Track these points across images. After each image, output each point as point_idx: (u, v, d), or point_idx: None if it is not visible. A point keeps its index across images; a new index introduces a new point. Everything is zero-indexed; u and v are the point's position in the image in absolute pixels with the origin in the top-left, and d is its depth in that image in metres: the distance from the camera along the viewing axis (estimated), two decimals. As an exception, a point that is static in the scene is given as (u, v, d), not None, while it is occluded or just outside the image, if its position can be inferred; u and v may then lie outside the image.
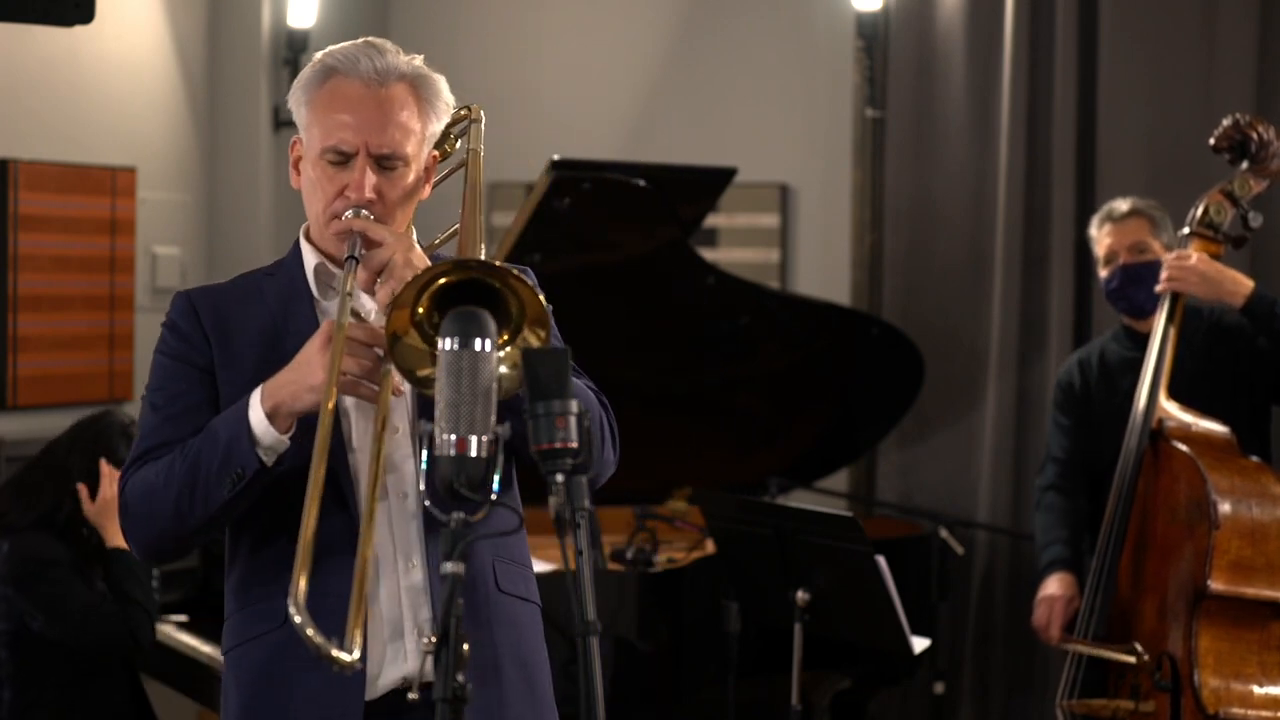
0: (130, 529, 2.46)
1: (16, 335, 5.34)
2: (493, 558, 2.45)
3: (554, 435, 2.03)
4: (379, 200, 2.42)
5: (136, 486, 2.43)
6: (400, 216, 2.47)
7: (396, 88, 2.43)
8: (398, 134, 2.42)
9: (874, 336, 5.37)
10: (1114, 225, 4.36)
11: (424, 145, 2.48)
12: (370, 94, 2.42)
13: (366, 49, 2.44)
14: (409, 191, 2.47)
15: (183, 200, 6.05)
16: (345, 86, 2.42)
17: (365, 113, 2.41)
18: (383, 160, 2.42)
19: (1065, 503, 4.39)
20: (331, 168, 2.43)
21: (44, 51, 5.43)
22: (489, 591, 2.44)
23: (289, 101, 2.49)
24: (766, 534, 4.11)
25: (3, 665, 4.15)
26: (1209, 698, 3.75)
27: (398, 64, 2.45)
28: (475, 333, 2.06)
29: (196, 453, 2.37)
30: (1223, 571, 3.77)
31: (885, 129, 5.90)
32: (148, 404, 2.50)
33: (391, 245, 2.37)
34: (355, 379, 2.32)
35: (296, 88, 2.47)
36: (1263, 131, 4.06)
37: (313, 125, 2.44)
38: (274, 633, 2.40)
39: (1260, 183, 4.09)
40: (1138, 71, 5.51)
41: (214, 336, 2.48)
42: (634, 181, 4.81)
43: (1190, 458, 3.86)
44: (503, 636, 2.45)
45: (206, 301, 2.51)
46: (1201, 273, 4.02)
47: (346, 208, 2.42)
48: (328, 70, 2.44)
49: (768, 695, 4.66)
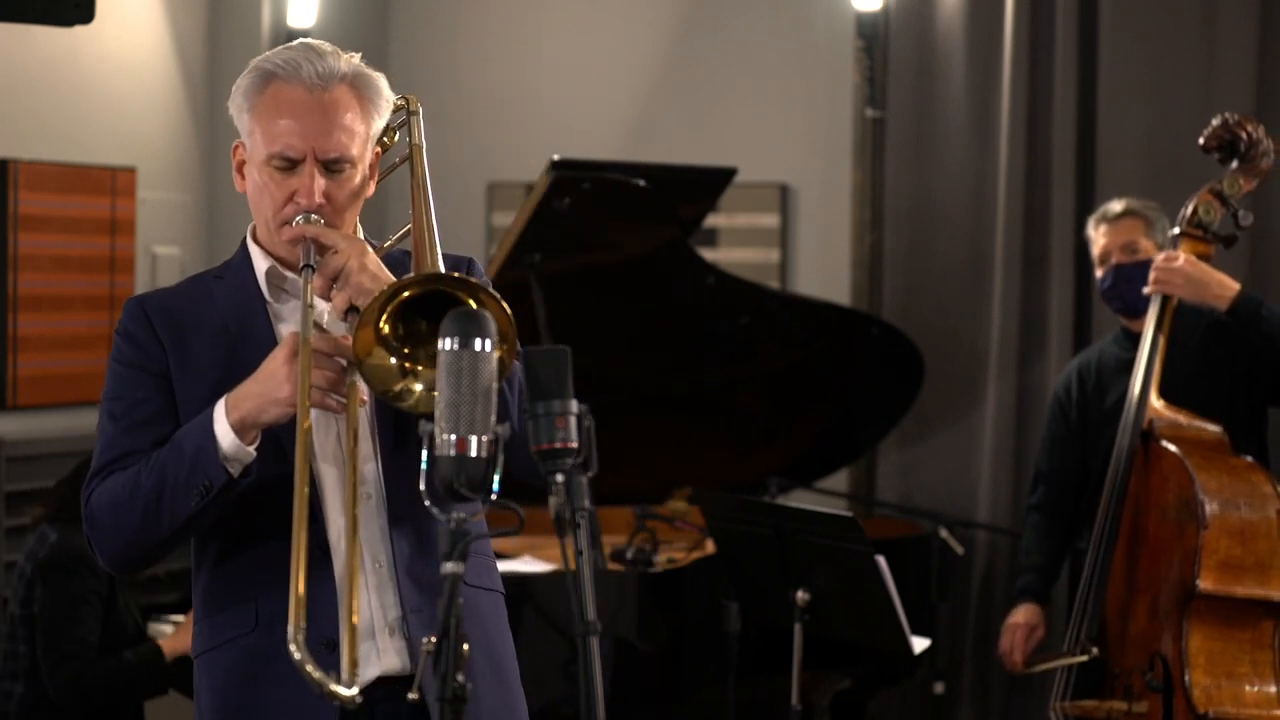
0: (97, 540, 2.46)
1: (16, 335, 5.34)
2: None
3: (554, 435, 2.04)
4: (328, 204, 2.43)
5: (103, 498, 2.43)
6: (348, 217, 2.48)
7: (338, 90, 2.43)
8: (343, 137, 2.43)
9: (874, 336, 5.37)
10: (1108, 225, 4.38)
11: (368, 145, 2.49)
12: (313, 99, 2.42)
13: (306, 52, 2.44)
14: (356, 193, 2.47)
15: (183, 200, 6.05)
16: (287, 92, 2.42)
17: (310, 118, 2.41)
18: (330, 164, 2.43)
19: (1047, 524, 4.44)
20: (279, 173, 2.43)
21: (44, 51, 5.43)
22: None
23: (229, 107, 2.48)
24: (766, 534, 4.10)
25: (20, 659, 4.16)
26: (1200, 697, 3.75)
27: (338, 66, 2.44)
28: (475, 333, 2.06)
29: (162, 465, 2.37)
30: (1212, 571, 3.77)
31: (885, 129, 5.90)
32: (106, 414, 2.50)
33: (345, 251, 2.37)
34: (322, 391, 2.32)
35: (236, 94, 2.46)
36: (1251, 130, 4.07)
37: (256, 131, 2.44)
38: (245, 637, 2.41)
39: (1250, 182, 4.09)
40: (1138, 71, 5.51)
41: (167, 341, 2.47)
42: (634, 181, 4.81)
43: (1179, 457, 3.86)
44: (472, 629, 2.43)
45: (158, 306, 2.50)
46: (1187, 274, 4.03)
47: (296, 213, 2.42)
48: (268, 75, 2.43)
49: (768, 695, 4.66)
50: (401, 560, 2.41)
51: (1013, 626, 4.41)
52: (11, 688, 4.18)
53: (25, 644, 4.15)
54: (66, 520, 4.19)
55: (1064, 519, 4.43)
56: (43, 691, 4.15)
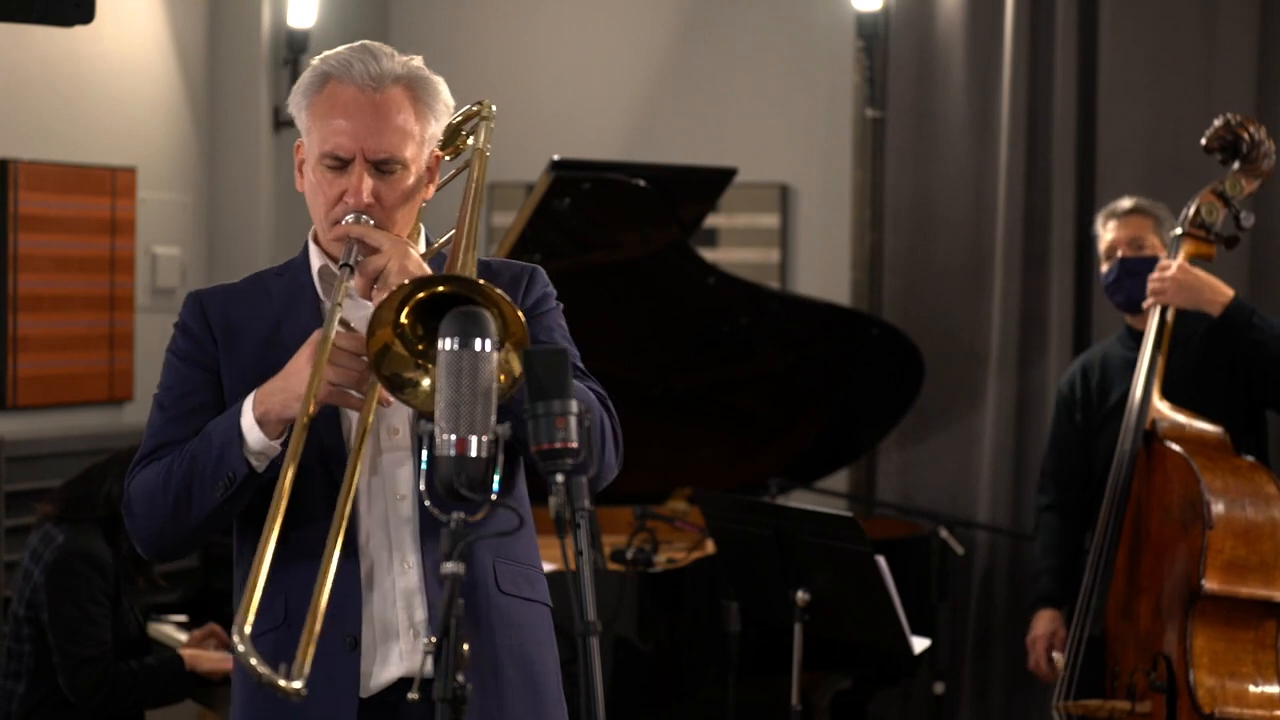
0: (133, 527, 2.50)
1: (16, 335, 5.34)
2: (494, 558, 2.45)
3: (554, 435, 2.04)
4: (377, 204, 2.43)
5: (139, 486, 2.46)
6: (400, 219, 2.47)
7: (392, 91, 2.44)
8: (394, 138, 2.43)
9: (874, 337, 5.37)
10: (1117, 221, 4.38)
11: (423, 147, 2.49)
12: (366, 99, 2.43)
13: (361, 53, 2.46)
14: (408, 194, 2.47)
15: (183, 200, 6.05)
16: (341, 92, 2.43)
17: (361, 118, 2.42)
18: (380, 164, 2.43)
19: (1059, 523, 4.42)
20: (330, 173, 2.44)
21: (44, 51, 5.43)
22: (489, 592, 2.44)
23: (289, 106, 2.51)
24: (766, 534, 4.11)
25: (24, 658, 4.16)
26: (1204, 697, 3.75)
27: (393, 67, 2.45)
28: (475, 333, 2.06)
29: (192, 456, 2.40)
30: (1217, 571, 3.77)
31: (885, 129, 5.90)
32: (155, 404, 2.53)
33: (388, 252, 2.38)
34: (342, 389, 2.33)
35: (295, 93, 2.49)
36: (1254, 131, 4.07)
37: (312, 130, 2.46)
38: (274, 631, 2.42)
39: (1252, 182, 4.10)
40: (1138, 71, 5.51)
41: (220, 336, 2.50)
42: (634, 181, 4.81)
43: (1184, 458, 3.86)
44: (503, 638, 2.45)
45: (215, 301, 2.53)
46: (1179, 282, 4.04)
47: (346, 213, 2.43)
48: (324, 76, 2.45)
49: (768, 695, 4.66)
50: (431, 563, 2.41)
51: (1042, 638, 4.37)
52: (14, 688, 4.18)
53: (29, 644, 4.16)
54: (74, 521, 4.19)
55: (1075, 517, 4.40)
56: (45, 692, 4.15)
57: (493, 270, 2.54)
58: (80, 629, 4.10)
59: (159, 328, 5.93)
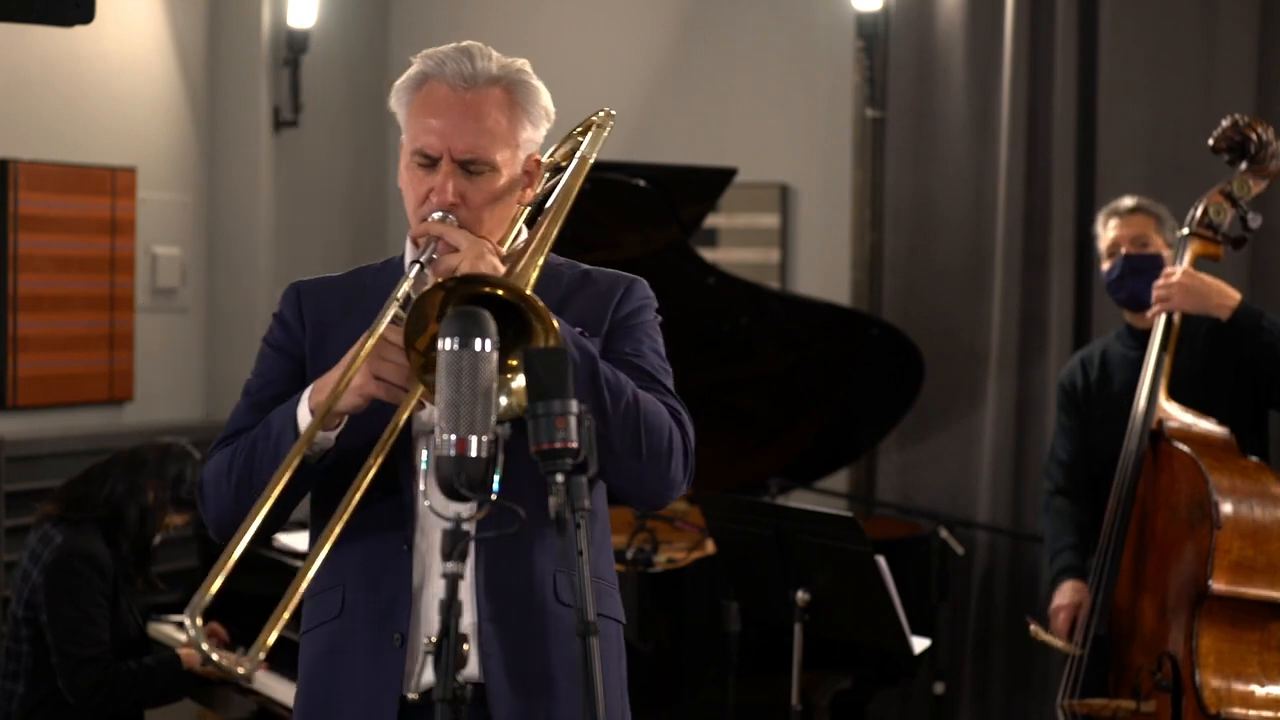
0: (203, 511, 2.50)
1: (16, 335, 5.34)
2: (555, 568, 2.43)
3: (554, 435, 2.04)
4: (462, 204, 2.43)
5: (209, 471, 2.47)
6: (490, 220, 2.47)
7: (487, 92, 2.44)
8: (483, 139, 2.43)
9: (874, 337, 5.37)
10: (1119, 219, 4.37)
11: (517, 150, 2.48)
12: (457, 98, 2.43)
13: (458, 53, 2.46)
14: (495, 196, 2.46)
15: (183, 200, 6.05)
16: (436, 90, 2.44)
17: (451, 117, 2.42)
18: (467, 165, 2.43)
19: (1071, 506, 4.38)
20: (420, 170, 2.45)
21: (44, 51, 5.44)
22: (545, 602, 2.42)
23: (391, 102, 2.51)
24: (766, 534, 4.10)
25: (23, 658, 4.16)
26: (1210, 698, 3.75)
27: (488, 68, 2.45)
28: (475, 333, 2.06)
29: (253, 443, 2.41)
30: (1224, 571, 3.77)
31: (885, 129, 5.90)
32: (243, 389, 2.54)
33: (464, 252, 2.36)
34: (386, 383, 2.31)
35: (395, 90, 2.50)
36: (1262, 132, 4.07)
37: (407, 128, 2.47)
38: (331, 623, 2.43)
39: (1260, 183, 4.09)
40: (1138, 71, 5.51)
41: (311, 328, 2.51)
42: (634, 181, 4.81)
43: (1191, 457, 3.86)
44: (557, 649, 2.42)
45: (312, 294, 2.56)
46: (1186, 287, 4.04)
47: (431, 211, 2.43)
48: (421, 75, 2.46)
49: (768, 695, 4.66)
50: (484, 569, 2.39)
51: (1069, 607, 4.19)
52: (13, 688, 4.18)
53: (28, 644, 4.16)
54: (73, 521, 4.19)
55: (1085, 500, 4.37)
56: (44, 692, 4.16)
57: (591, 278, 2.55)
58: (79, 629, 4.10)
59: (159, 328, 5.94)
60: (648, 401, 2.38)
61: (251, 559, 5.00)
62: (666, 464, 2.42)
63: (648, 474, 2.39)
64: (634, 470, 2.38)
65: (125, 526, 4.24)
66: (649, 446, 2.38)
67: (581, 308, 2.50)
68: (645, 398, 2.38)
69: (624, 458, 2.36)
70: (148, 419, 5.80)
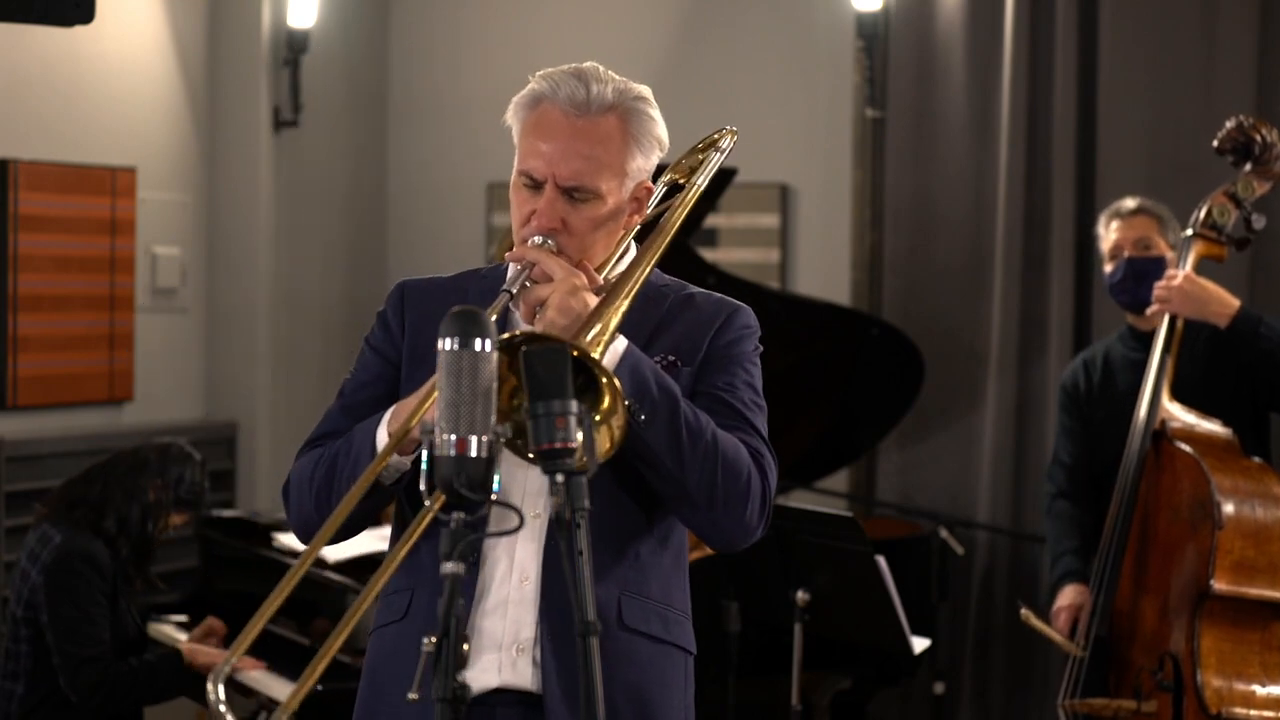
0: (288, 510, 2.48)
1: (16, 335, 5.34)
2: (620, 592, 2.43)
3: (554, 435, 2.03)
4: (564, 230, 2.40)
5: (295, 473, 2.46)
6: (594, 245, 2.43)
7: (598, 119, 2.42)
8: (588, 166, 2.40)
9: (874, 337, 5.37)
10: (1121, 221, 4.36)
11: (625, 179, 2.44)
12: (568, 124, 2.41)
13: (573, 77, 2.44)
14: (598, 223, 2.43)
15: (183, 200, 6.05)
16: (549, 113, 2.43)
17: (559, 142, 2.41)
18: (571, 191, 2.41)
19: (1074, 509, 4.37)
20: (525, 190, 2.43)
21: (44, 51, 5.43)
22: (609, 626, 2.39)
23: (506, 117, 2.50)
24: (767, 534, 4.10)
25: (22, 659, 4.16)
26: (1212, 698, 3.75)
27: (603, 94, 2.43)
28: (475, 333, 2.06)
29: (334, 456, 2.39)
30: (1226, 572, 3.77)
31: (885, 129, 5.90)
32: (340, 388, 2.52)
33: (556, 284, 2.33)
34: None
35: (512, 106, 2.49)
36: (1266, 133, 4.07)
37: (519, 147, 2.46)
38: (394, 624, 2.43)
39: (1264, 184, 4.09)
40: (1138, 71, 5.51)
41: (411, 330, 2.48)
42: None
43: (1194, 458, 3.86)
44: (618, 673, 2.39)
45: (416, 294, 2.52)
46: (1186, 293, 4.03)
47: (532, 234, 2.41)
48: (538, 96, 2.46)
49: (768, 695, 4.66)
50: (552, 583, 2.37)
51: (1070, 608, 4.20)
52: (12, 688, 4.18)
53: (26, 645, 4.16)
54: (72, 521, 4.19)
55: (1088, 501, 4.36)
56: (44, 693, 4.15)
57: (694, 303, 2.50)
58: (80, 629, 4.10)
59: (159, 328, 5.94)
60: (727, 443, 2.35)
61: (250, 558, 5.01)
62: (741, 509, 2.39)
63: (721, 518, 2.37)
64: (707, 513, 2.37)
65: (127, 527, 4.24)
66: (725, 490, 2.35)
67: (680, 333, 2.46)
68: (725, 439, 2.34)
69: (698, 500, 2.34)
70: (148, 419, 5.80)
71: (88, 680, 4.09)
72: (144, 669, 4.19)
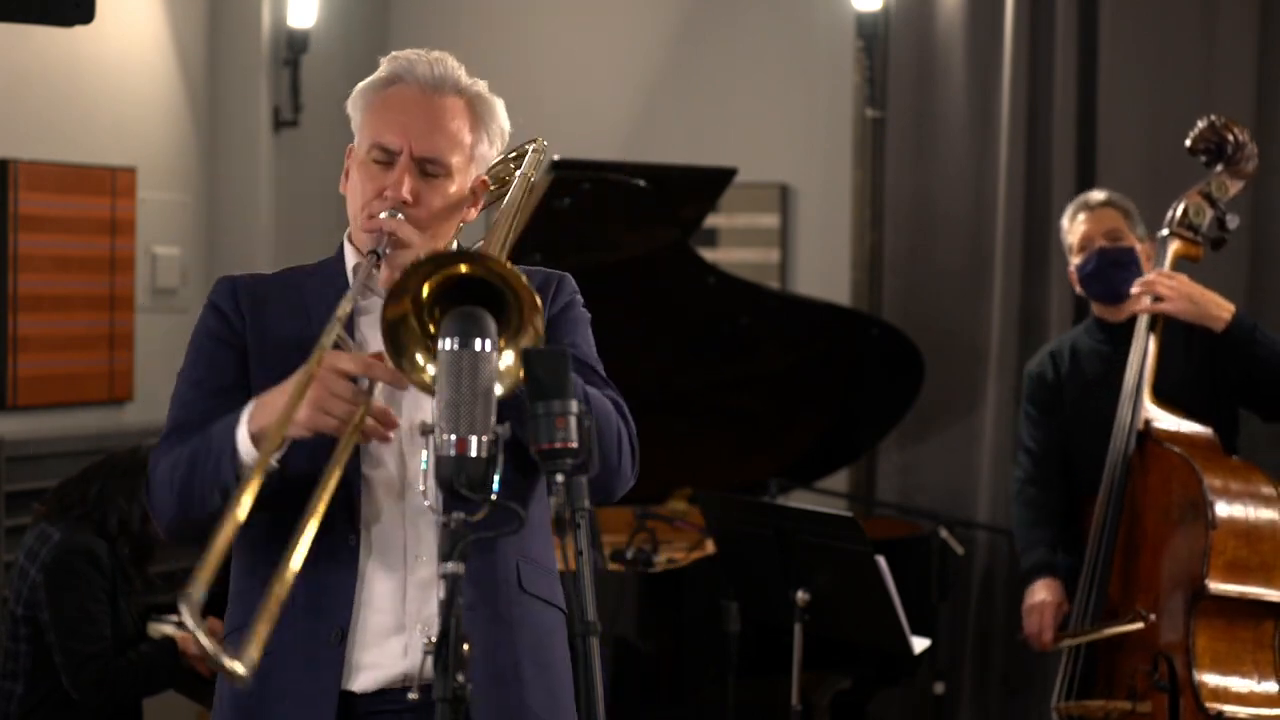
0: (152, 511, 2.46)
1: (16, 335, 5.34)
2: (517, 558, 2.43)
3: (554, 435, 2.03)
4: (416, 204, 2.42)
5: (155, 473, 2.42)
6: (439, 229, 2.46)
7: (452, 98, 2.46)
8: (444, 141, 2.44)
9: (874, 336, 5.37)
10: (1089, 213, 4.34)
11: (472, 163, 2.49)
12: (424, 99, 2.44)
13: (428, 58, 2.47)
14: (450, 203, 2.46)
15: (183, 200, 6.05)
16: (403, 91, 2.45)
17: (415, 115, 2.43)
18: (425, 164, 2.43)
19: (1042, 496, 4.35)
20: (375, 166, 2.45)
21: (44, 51, 5.43)
22: (511, 590, 2.42)
23: (348, 106, 2.51)
24: (766, 534, 4.11)
25: (21, 658, 4.16)
26: (1208, 696, 3.76)
27: (458, 77, 2.47)
28: (475, 333, 2.06)
29: (193, 456, 2.35)
30: (1220, 571, 3.78)
31: (885, 129, 5.90)
32: (180, 382, 2.48)
33: (419, 248, 2.36)
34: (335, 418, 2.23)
35: (358, 91, 2.49)
36: (1238, 133, 4.08)
37: (365, 126, 2.47)
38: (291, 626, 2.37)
39: (1236, 184, 4.10)
40: (1138, 71, 5.51)
41: (250, 318, 2.47)
42: (634, 181, 4.81)
43: (1184, 458, 3.87)
44: (524, 636, 2.42)
45: (246, 285, 2.52)
46: (1188, 295, 4.03)
47: (383, 208, 2.42)
48: (389, 77, 2.47)
49: (768, 695, 4.66)
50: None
51: (1039, 606, 4.20)
52: (12, 688, 4.18)
53: (26, 644, 4.15)
54: (71, 519, 4.19)
55: (1054, 487, 4.35)
56: (44, 692, 4.15)
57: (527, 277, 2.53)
58: (81, 627, 4.10)
59: (159, 328, 5.94)
60: (599, 401, 2.36)
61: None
62: (617, 460, 2.41)
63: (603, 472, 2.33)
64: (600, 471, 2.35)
65: (127, 528, 4.24)
66: (605, 446, 2.35)
67: None
68: (597, 397, 2.36)
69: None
70: (148, 419, 5.80)
71: (90, 678, 4.09)
72: (142, 661, 4.18)
